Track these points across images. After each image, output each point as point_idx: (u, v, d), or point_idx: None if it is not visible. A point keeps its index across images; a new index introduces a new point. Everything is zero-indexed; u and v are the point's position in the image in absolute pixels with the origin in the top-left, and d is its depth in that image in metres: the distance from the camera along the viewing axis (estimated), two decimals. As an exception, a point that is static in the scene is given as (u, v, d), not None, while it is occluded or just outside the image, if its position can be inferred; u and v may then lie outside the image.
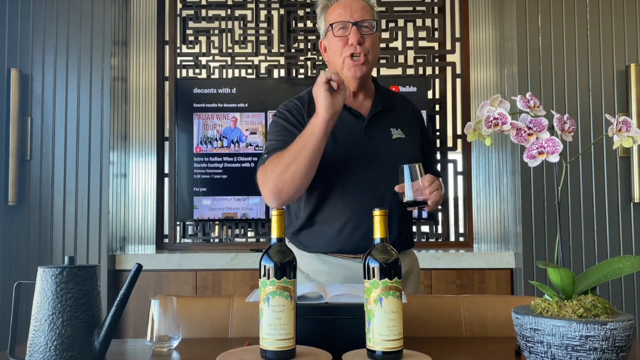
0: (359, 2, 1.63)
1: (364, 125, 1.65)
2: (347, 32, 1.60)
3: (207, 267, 2.73)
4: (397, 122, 1.69)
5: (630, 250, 2.55)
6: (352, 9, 1.61)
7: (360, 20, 1.60)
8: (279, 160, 1.50)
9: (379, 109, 1.67)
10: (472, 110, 3.19)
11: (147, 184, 3.19)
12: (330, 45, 1.65)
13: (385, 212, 1.10)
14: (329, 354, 1.07)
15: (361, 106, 1.68)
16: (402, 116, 1.72)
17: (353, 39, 1.58)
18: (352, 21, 1.59)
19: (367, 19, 1.61)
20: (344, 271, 1.61)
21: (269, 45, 3.25)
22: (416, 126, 1.74)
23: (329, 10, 1.65)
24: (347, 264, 1.61)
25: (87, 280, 1.06)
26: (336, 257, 1.62)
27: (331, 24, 1.62)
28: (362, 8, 1.62)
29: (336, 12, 1.62)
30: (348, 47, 1.59)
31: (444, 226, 3.18)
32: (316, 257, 1.64)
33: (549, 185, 2.55)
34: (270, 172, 1.51)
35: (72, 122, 2.68)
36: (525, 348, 0.99)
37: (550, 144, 1.04)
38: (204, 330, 1.39)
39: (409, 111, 1.75)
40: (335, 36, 1.61)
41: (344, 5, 1.62)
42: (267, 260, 1.07)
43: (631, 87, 2.55)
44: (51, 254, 2.63)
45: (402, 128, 1.68)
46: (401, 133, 1.67)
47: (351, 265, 1.61)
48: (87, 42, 2.70)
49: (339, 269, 1.62)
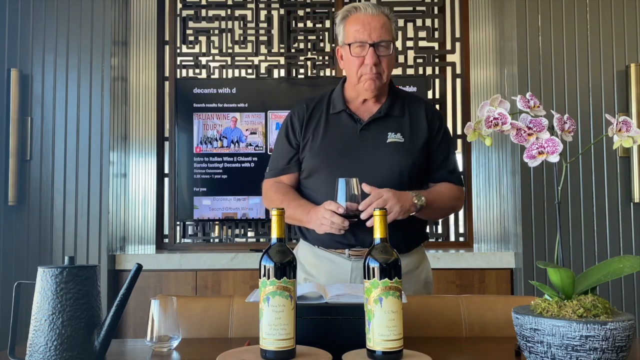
0: (378, 19, 1.63)
1: (358, 129, 1.70)
2: (364, 52, 1.62)
3: (207, 267, 2.73)
4: (400, 127, 1.71)
5: (630, 250, 2.55)
6: (371, 28, 1.62)
7: (377, 41, 1.62)
8: (271, 202, 1.74)
9: (380, 114, 1.70)
10: (472, 110, 3.19)
11: (147, 184, 3.19)
12: (347, 60, 1.69)
13: (385, 212, 1.10)
14: (329, 354, 1.07)
15: (367, 111, 1.73)
16: (410, 121, 1.72)
17: (369, 61, 1.62)
18: (369, 42, 1.61)
19: (384, 39, 1.63)
20: (329, 265, 1.69)
21: (269, 45, 3.25)
22: (425, 131, 1.72)
23: (348, 22, 1.67)
24: (334, 258, 1.69)
25: (87, 280, 1.06)
26: (323, 251, 1.70)
27: (349, 43, 1.64)
28: (380, 27, 1.63)
29: (355, 27, 1.64)
30: (364, 66, 1.63)
31: (444, 226, 3.18)
32: (310, 249, 1.74)
33: (549, 185, 2.55)
34: (268, 201, 1.77)
35: (72, 122, 2.68)
36: (525, 348, 0.99)
37: (550, 144, 1.04)
38: (204, 330, 1.39)
39: (421, 117, 1.74)
40: (352, 55, 1.65)
41: (364, 22, 1.63)
42: (267, 260, 1.07)
43: (631, 87, 2.55)
44: (51, 254, 2.63)
45: (403, 132, 1.70)
46: (400, 137, 1.69)
47: (337, 260, 1.69)
48: (87, 42, 2.70)
49: (325, 262, 1.70)
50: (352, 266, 1.66)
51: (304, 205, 1.66)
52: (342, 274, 1.67)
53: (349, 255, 1.66)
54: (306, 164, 1.73)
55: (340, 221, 1.50)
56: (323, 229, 1.55)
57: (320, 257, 1.71)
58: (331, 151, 1.69)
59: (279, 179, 1.77)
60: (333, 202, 1.51)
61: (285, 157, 1.76)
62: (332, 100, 1.76)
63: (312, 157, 1.71)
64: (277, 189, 1.74)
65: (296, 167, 1.76)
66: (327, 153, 1.69)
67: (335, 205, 1.50)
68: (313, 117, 1.74)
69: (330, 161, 1.67)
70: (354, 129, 1.70)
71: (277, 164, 1.78)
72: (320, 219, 1.54)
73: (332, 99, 1.77)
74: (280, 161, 1.78)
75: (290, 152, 1.76)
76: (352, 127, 1.71)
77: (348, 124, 1.71)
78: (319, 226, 1.56)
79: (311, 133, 1.72)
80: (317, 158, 1.70)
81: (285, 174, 1.76)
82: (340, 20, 1.70)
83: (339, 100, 1.74)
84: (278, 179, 1.77)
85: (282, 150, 1.78)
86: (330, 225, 1.52)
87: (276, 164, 1.79)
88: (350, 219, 1.52)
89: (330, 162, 1.67)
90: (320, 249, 1.71)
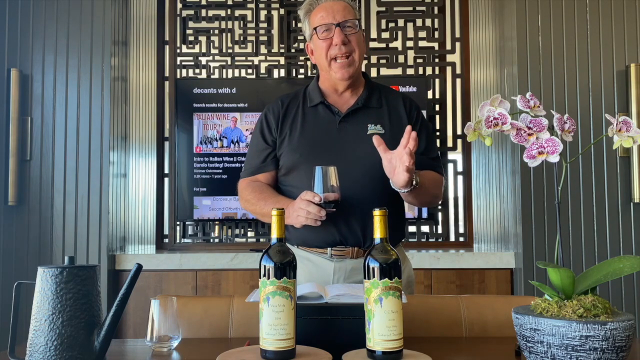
0: (339, 3, 1.66)
1: (337, 122, 1.68)
2: (331, 34, 1.64)
3: (207, 267, 2.73)
4: (379, 118, 1.69)
5: (630, 250, 2.55)
6: (334, 11, 1.64)
7: (342, 21, 1.63)
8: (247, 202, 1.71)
9: (358, 105, 1.69)
10: (472, 110, 3.19)
11: (147, 184, 3.19)
12: (316, 47, 1.69)
13: (385, 212, 1.10)
14: (329, 354, 1.07)
15: (345, 103, 1.72)
16: (389, 112, 1.71)
17: (337, 40, 1.62)
18: (334, 23, 1.63)
19: (349, 19, 1.64)
20: (309, 266, 1.65)
21: (269, 45, 3.25)
22: (405, 121, 1.70)
23: (312, 14, 1.69)
24: (315, 259, 1.65)
25: (87, 280, 1.06)
26: (304, 251, 1.66)
27: (315, 27, 1.66)
28: (343, 9, 1.65)
29: (319, 15, 1.66)
30: (333, 47, 1.64)
31: (444, 226, 3.18)
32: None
33: (549, 185, 2.55)
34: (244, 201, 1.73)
35: (72, 122, 2.68)
36: (525, 348, 0.99)
37: (550, 144, 1.04)
38: (204, 330, 1.39)
39: (399, 107, 1.73)
40: (319, 39, 1.65)
41: (326, 8, 1.66)
42: (267, 260, 1.07)
43: (631, 87, 2.55)
44: (51, 254, 2.63)
45: (383, 124, 1.68)
46: (380, 129, 1.67)
47: (317, 261, 1.65)
48: (87, 42, 2.70)
49: (306, 263, 1.65)
50: (334, 267, 1.63)
51: (281, 201, 1.62)
52: (323, 275, 1.63)
53: (330, 255, 1.63)
54: (284, 160, 1.69)
55: (316, 210, 1.45)
56: (299, 221, 1.50)
57: (300, 258, 1.62)
58: (311, 145, 1.66)
59: (255, 177, 1.73)
60: (309, 191, 1.47)
61: (260, 155, 1.72)
62: (308, 93, 1.74)
63: (291, 152, 1.67)
64: (253, 188, 1.70)
65: (272, 165, 1.72)
66: (307, 147, 1.66)
67: (311, 194, 1.46)
68: (289, 113, 1.72)
69: (311, 155, 1.63)
70: (332, 121, 1.68)
71: (253, 162, 1.74)
72: (297, 210, 1.49)
73: (308, 92, 1.75)
74: (255, 160, 1.73)
75: (265, 150, 1.72)
76: (331, 119, 1.68)
77: (326, 116, 1.69)
78: (296, 218, 1.50)
79: (288, 128, 1.69)
80: (296, 153, 1.66)
81: (262, 172, 1.72)
82: (305, 15, 1.72)
83: (316, 93, 1.72)
84: (254, 177, 1.73)
85: (257, 148, 1.74)
86: (306, 215, 1.47)
87: (251, 162, 1.75)
88: (328, 209, 1.47)
89: (310, 156, 1.63)
90: (300, 249, 1.67)
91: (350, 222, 1.61)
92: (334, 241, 1.62)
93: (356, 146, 1.64)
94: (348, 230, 1.61)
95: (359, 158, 1.62)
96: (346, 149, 1.64)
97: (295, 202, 1.52)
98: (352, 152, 1.64)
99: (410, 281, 1.74)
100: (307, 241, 1.66)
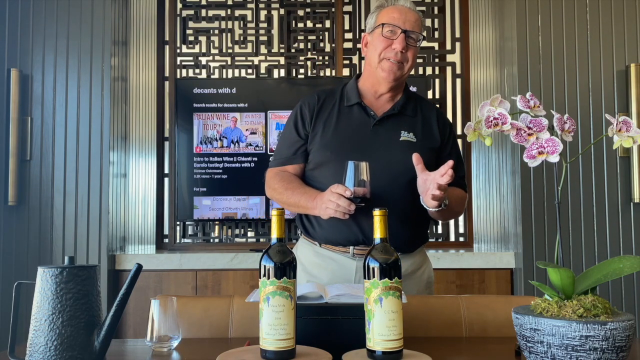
0: (414, 14, 1.68)
1: (371, 124, 1.68)
2: (394, 37, 1.64)
3: (207, 267, 2.73)
4: (413, 127, 1.70)
5: (630, 250, 2.55)
6: (407, 18, 1.66)
7: (410, 30, 1.65)
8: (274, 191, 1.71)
9: (394, 111, 1.70)
10: (472, 110, 3.19)
11: (147, 184, 3.19)
12: (374, 41, 1.69)
13: (385, 211, 1.10)
14: (329, 354, 1.07)
15: (381, 106, 1.72)
16: (422, 123, 1.72)
17: (398, 45, 1.63)
18: (402, 28, 1.64)
19: (416, 32, 1.66)
20: (332, 265, 1.66)
21: (269, 45, 3.25)
22: (437, 135, 1.72)
23: (384, 10, 1.69)
24: (337, 257, 1.66)
25: (87, 280, 1.06)
26: (326, 250, 1.67)
27: (383, 23, 1.66)
28: (415, 20, 1.67)
29: (391, 14, 1.67)
30: (390, 49, 1.65)
31: (444, 226, 3.18)
32: (311, 248, 1.70)
33: (549, 185, 2.55)
34: (271, 189, 1.73)
35: (72, 122, 2.68)
36: (525, 348, 0.99)
37: (550, 144, 1.04)
38: (204, 330, 1.39)
39: (432, 120, 1.75)
40: (382, 35, 1.65)
41: (400, 11, 1.67)
42: (267, 260, 1.07)
43: (631, 87, 2.55)
44: (51, 254, 2.63)
45: (415, 133, 1.69)
46: (412, 137, 1.68)
47: (340, 259, 1.66)
48: (87, 42, 2.70)
49: (329, 262, 1.67)
50: (356, 266, 1.64)
51: (309, 192, 1.63)
52: (346, 274, 1.64)
53: (353, 254, 1.64)
54: (314, 155, 1.69)
55: (346, 204, 1.46)
56: (328, 213, 1.51)
57: (323, 257, 1.67)
58: (343, 144, 1.66)
59: (283, 168, 1.73)
60: (340, 185, 1.49)
61: (292, 146, 1.72)
62: (346, 92, 1.75)
63: (322, 149, 1.67)
64: (282, 177, 1.70)
65: (302, 158, 1.72)
66: (339, 145, 1.66)
67: (342, 188, 1.47)
68: (324, 109, 1.72)
69: (341, 154, 1.63)
70: (367, 123, 1.69)
71: (283, 153, 1.74)
72: (326, 202, 1.50)
73: (346, 91, 1.75)
74: (286, 150, 1.73)
75: (297, 142, 1.72)
76: (366, 121, 1.69)
77: (361, 118, 1.70)
78: (324, 210, 1.52)
79: (322, 124, 1.70)
80: (327, 150, 1.66)
81: (291, 164, 1.72)
82: (376, 8, 1.73)
83: (354, 93, 1.73)
84: (283, 168, 1.73)
85: (290, 140, 1.73)
86: (335, 208, 1.48)
87: (282, 153, 1.75)
88: (357, 204, 1.48)
89: (341, 155, 1.62)
90: (322, 248, 1.68)
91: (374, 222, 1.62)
92: (356, 240, 1.63)
93: (388, 150, 1.65)
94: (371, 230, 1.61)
95: (390, 162, 1.63)
96: (378, 152, 1.64)
97: (324, 194, 1.53)
98: (383, 155, 1.64)
99: (430, 282, 1.75)
100: (330, 239, 1.66)
